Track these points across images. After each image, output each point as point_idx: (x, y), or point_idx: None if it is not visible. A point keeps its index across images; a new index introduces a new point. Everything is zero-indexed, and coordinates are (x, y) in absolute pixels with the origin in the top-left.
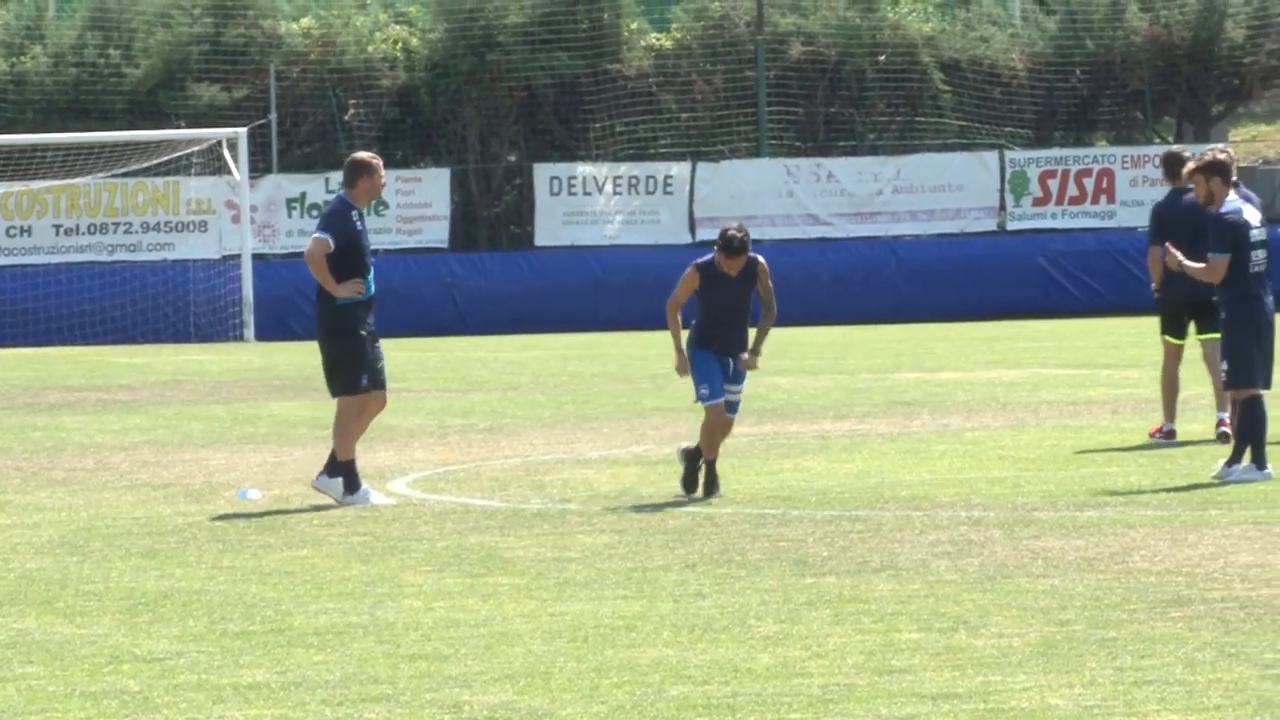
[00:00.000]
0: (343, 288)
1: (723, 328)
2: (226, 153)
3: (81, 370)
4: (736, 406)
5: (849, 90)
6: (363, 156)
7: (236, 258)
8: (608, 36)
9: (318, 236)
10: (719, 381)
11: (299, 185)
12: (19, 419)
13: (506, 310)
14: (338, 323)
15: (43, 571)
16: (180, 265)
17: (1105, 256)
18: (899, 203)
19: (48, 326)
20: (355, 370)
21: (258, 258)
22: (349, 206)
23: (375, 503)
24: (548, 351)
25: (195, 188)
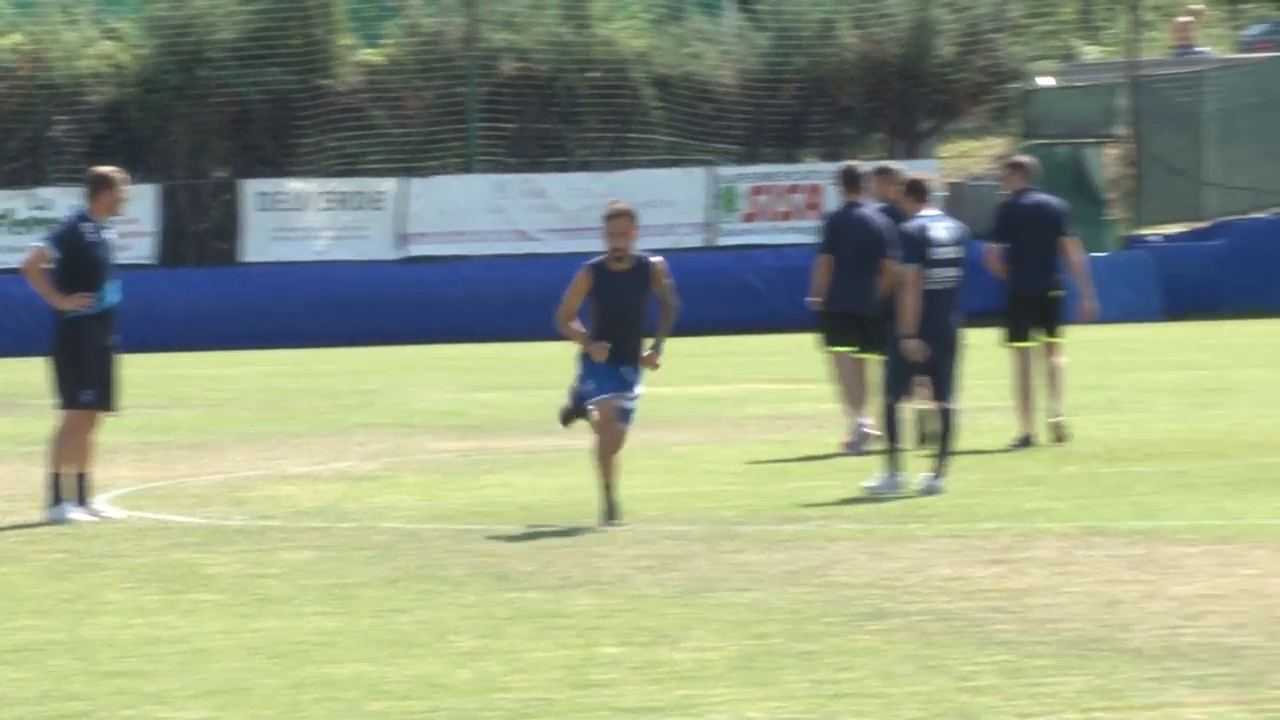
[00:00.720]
0: (67, 300)
1: (617, 334)
2: None
3: None
4: (630, 415)
5: (561, 106)
6: (104, 170)
7: None
8: (320, 52)
9: (34, 245)
10: (607, 382)
11: (5, 201)
12: None
13: (213, 327)
14: (65, 335)
15: None
16: None
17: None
18: None
19: None
20: (76, 385)
21: None
22: (82, 219)
23: (73, 518)
24: (253, 367)
25: None
